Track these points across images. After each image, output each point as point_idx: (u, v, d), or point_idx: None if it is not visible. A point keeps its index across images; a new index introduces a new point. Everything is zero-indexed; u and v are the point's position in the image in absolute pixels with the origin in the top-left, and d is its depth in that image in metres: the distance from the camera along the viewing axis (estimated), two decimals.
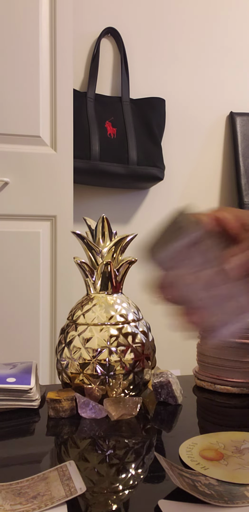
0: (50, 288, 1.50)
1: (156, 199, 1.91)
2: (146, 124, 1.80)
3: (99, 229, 0.76)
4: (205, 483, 0.46)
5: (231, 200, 1.99)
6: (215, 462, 0.51)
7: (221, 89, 1.98)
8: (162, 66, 1.91)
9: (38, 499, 0.44)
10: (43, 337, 1.49)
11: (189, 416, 0.71)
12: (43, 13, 1.48)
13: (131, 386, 0.72)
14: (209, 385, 0.80)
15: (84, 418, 0.67)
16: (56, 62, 1.49)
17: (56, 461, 0.54)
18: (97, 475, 0.51)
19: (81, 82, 1.82)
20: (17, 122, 1.46)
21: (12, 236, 1.47)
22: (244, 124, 1.95)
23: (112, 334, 0.71)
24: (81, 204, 1.78)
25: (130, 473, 0.51)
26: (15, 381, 0.70)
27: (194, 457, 0.52)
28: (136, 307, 0.77)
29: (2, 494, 0.45)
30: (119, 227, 1.86)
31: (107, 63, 1.85)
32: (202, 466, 0.50)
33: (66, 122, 1.50)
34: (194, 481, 0.46)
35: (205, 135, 1.97)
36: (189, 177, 1.95)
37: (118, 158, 1.72)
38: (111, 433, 0.62)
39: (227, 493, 0.45)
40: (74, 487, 0.45)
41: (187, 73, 1.94)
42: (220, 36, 1.98)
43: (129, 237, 0.77)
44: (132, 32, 1.87)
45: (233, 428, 0.62)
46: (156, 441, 0.60)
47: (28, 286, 1.47)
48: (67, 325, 0.75)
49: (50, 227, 1.50)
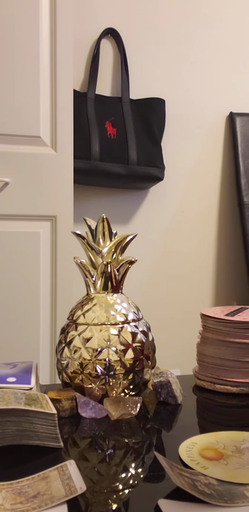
0: (50, 288, 1.50)
1: (156, 199, 1.91)
2: (146, 124, 1.80)
3: (99, 229, 0.76)
4: (205, 482, 0.46)
5: (231, 200, 1.99)
6: (215, 461, 0.51)
7: (221, 89, 1.98)
8: (162, 66, 1.92)
9: (38, 499, 0.44)
10: (43, 337, 1.49)
11: (189, 415, 0.71)
12: (43, 13, 1.48)
13: (131, 386, 0.72)
14: (209, 384, 0.80)
15: (84, 417, 0.67)
16: (56, 62, 1.49)
17: (56, 460, 0.54)
18: (98, 474, 0.51)
19: (81, 82, 1.82)
20: (17, 122, 1.46)
21: (12, 236, 1.47)
22: (244, 124, 1.95)
23: (112, 334, 0.71)
24: (81, 204, 1.78)
25: (130, 473, 0.51)
26: (16, 380, 0.70)
27: (193, 457, 0.52)
28: (136, 307, 0.77)
29: (2, 493, 0.45)
30: (119, 227, 1.86)
31: (107, 63, 1.85)
32: (201, 465, 0.50)
33: (66, 122, 1.50)
34: (194, 480, 0.46)
35: (205, 135, 1.97)
36: (189, 177, 1.96)
37: (118, 158, 1.72)
38: (111, 433, 0.62)
39: (226, 493, 0.45)
40: (74, 486, 0.45)
41: (186, 73, 1.94)
42: (220, 36, 1.98)
43: (129, 237, 0.77)
44: (132, 32, 1.87)
45: (233, 427, 0.62)
46: (155, 441, 0.61)
47: (28, 286, 1.47)
48: (67, 325, 0.75)
49: (50, 227, 1.50)
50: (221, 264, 1.99)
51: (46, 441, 0.57)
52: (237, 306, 0.92)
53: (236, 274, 2.00)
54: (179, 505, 0.43)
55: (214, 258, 1.99)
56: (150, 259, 1.91)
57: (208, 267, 1.98)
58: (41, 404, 0.59)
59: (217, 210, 1.99)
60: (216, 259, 1.99)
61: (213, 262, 1.99)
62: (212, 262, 1.99)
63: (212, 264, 1.99)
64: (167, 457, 0.54)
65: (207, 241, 1.98)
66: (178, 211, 1.94)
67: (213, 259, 1.99)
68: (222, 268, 1.99)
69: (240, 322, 0.79)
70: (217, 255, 1.99)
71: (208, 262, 1.98)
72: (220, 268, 2.00)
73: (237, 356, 0.78)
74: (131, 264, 0.76)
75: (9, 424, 0.56)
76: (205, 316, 0.84)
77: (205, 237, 1.98)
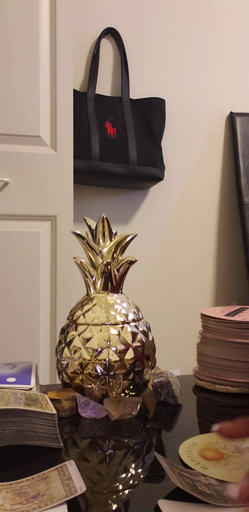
0: (50, 288, 1.50)
1: (156, 199, 1.91)
2: (146, 124, 1.80)
3: (99, 229, 0.76)
4: (205, 483, 0.46)
5: (231, 200, 1.99)
6: (215, 462, 0.51)
7: (221, 89, 1.98)
8: (162, 66, 1.91)
9: (38, 499, 0.44)
10: (43, 337, 1.49)
11: (189, 416, 0.71)
12: (43, 13, 1.48)
13: (131, 386, 0.72)
14: (209, 385, 0.80)
15: (84, 418, 0.67)
16: (56, 62, 1.49)
17: (56, 460, 0.54)
18: (97, 474, 0.51)
19: (81, 82, 1.82)
20: (17, 122, 1.46)
21: (12, 236, 1.47)
22: (244, 124, 1.95)
23: (112, 334, 0.71)
24: (81, 204, 1.78)
25: (130, 473, 0.51)
26: (15, 381, 0.70)
27: (193, 457, 0.52)
28: (136, 307, 0.77)
29: (2, 493, 0.45)
30: (119, 227, 1.86)
31: (107, 63, 1.85)
32: (201, 466, 0.50)
33: (66, 122, 1.50)
34: (194, 481, 0.46)
35: (205, 135, 1.97)
36: (189, 177, 1.96)
37: (118, 158, 1.72)
38: (111, 433, 0.62)
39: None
40: (74, 486, 0.45)
41: (187, 73, 1.94)
42: (220, 36, 1.98)
43: (129, 237, 0.77)
44: (132, 32, 1.87)
45: None
46: (155, 441, 0.61)
47: (28, 286, 1.47)
48: (67, 325, 0.75)
49: (50, 227, 1.50)
50: (221, 264, 1.99)
51: (46, 442, 0.57)
52: (237, 306, 0.92)
53: (236, 274, 2.00)
54: (179, 505, 0.43)
55: (214, 258, 1.99)
56: (150, 259, 1.91)
57: (208, 267, 1.98)
58: (41, 404, 0.59)
59: (217, 210, 1.99)
60: (216, 259, 1.99)
61: (213, 262, 1.99)
62: (212, 262, 1.99)
63: (212, 264, 1.99)
64: (167, 457, 0.54)
65: (207, 241, 1.98)
66: (178, 211, 1.94)
67: (213, 259, 1.99)
68: (222, 268, 1.99)
69: (240, 322, 0.79)
70: (217, 255, 1.99)
71: (208, 262, 1.98)
72: (220, 268, 1.99)
73: (237, 356, 0.78)
74: (131, 264, 0.76)
75: (9, 425, 0.56)
76: (205, 316, 0.84)
77: (205, 237, 1.98)
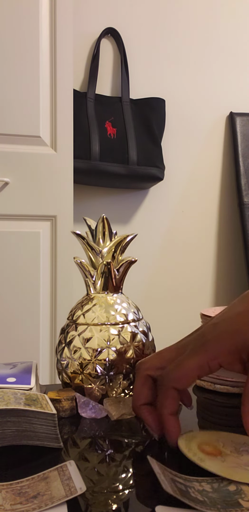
0: (50, 288, 1.50)
1: (156, 199, 1.91)
2: (146, 124, 1.80)
3: (99, 229, 0.76)
4: (198, 489, 0.45)
5: (231, 200, 1.99)
6: (212, 456, 0.51)
7: (221, 89, 1.98)
8: (162, 66, 1.91)
9: (38, 499, 0.44)
10: (43, 337, 1.49)
11: (189, 416, 0.71)
12: (43, 13, 1.48)
13: (131, 386, 0.72)
14: (209, 385, 0.80)
15: (84, 418, 0.67)
16: (56, 62, 1.49)
17: (56, 461, 0.54)
18: (98, 474, 0.51)
19: (81, 82, 1.82)
20: (17, 122, 1.46)
21: (12, 236, 1.47)
22: (244, 124, 1.95)
23: (112, 334, 0.71)
24: (81, 204, 1.78)
25: (129, 473, 0.51)
26: (15, 381, 0.70)
27: (191, 448, 0.52)
28: (136, 307, 0.77)
29: (2, 493, 0.45)
30: (119, 227, 1.86)
31: (107, 63, 1.85)
32: (198, 457, 0.50)
33: (66, 122, 1.50)
34: (187, 486, 0.45)
35: (205, 135, 1.97)
36: (189, 177, 1.95)
37: (118, 158, 1.72)
38: (111, 433, 0.62)
39: (220, 501, 0.43)
40: (74, 486, 0.45)
41: (187, 73, 1.94)
42: (220, 36, 1.98)
43: (129, 237, 0.77)
44: (132, 32, 1.87)
45: (232, 428, 0.62)
46: (155, 441, 0.60)
47: (28, 286, 1.47)
48: (67, 325, 0.75)
49: (50, 227, 1.50)
50: (221, 264, 1.99)
51: (46, 442, 0.57)
52: None
53: (236, 274, 2.00)
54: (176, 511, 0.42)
55: (214, 258, 1.99)
56: (150, 259, 1.91)
57: (208, 267, 1.98)
58: (41, 404, 0.59)
59: (217, 210, 1.99)
60: (216, 259, 1.99)
61: (213, 262, 1.99)
62: (212, 262, 1.99)
63: (212, 264, 1.99)
64: (167, 452, 0.54)
65: (207, 241, 1.98)
66: (178, 211, 1.94)
67: (213, 259, 1.99)
68: (222, 268, 1.99)
69: None
70: (217, 255, 1.99)
71: (208, 262, 1.98)
72: (220, 268, 1.99)
73: None
74: (130, 264, 0.76)
75: (8, 425, 0.56)
76: (205, 316, 0.84)
77: (205, 237, 1.98)
